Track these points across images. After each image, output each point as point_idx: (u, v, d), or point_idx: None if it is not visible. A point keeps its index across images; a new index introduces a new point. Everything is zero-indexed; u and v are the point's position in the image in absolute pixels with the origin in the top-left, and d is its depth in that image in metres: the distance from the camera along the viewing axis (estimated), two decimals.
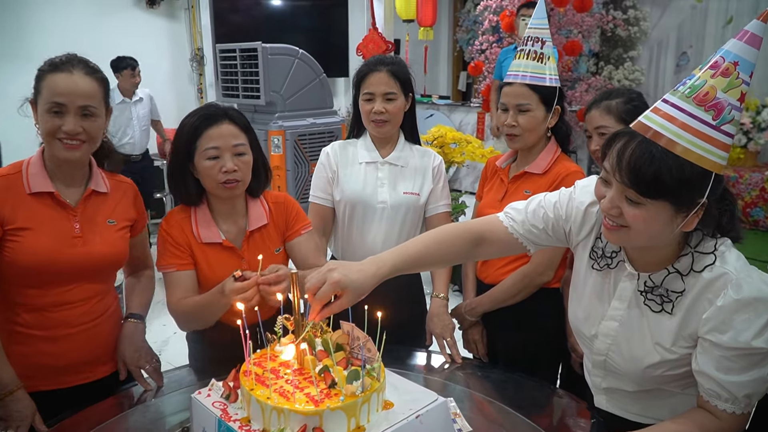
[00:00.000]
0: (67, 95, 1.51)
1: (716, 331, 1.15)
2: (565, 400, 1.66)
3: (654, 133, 1.11)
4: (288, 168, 5.10)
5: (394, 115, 2.03)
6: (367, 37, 4.70)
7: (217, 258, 1.74)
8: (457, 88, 9.08)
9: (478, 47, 6.19)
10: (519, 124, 1.92)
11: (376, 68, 2.02)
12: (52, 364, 1.61)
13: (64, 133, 1.52)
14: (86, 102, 1.54)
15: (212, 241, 1.74)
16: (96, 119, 1.57)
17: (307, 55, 5.06)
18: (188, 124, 1.69)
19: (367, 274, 1.28)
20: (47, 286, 1.57)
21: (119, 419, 1.57)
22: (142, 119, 5.55)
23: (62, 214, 1.59)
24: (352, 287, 1.25)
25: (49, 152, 1.58)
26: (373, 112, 2.02)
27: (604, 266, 1.33)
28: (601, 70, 6.11)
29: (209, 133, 1.67)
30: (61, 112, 1.52)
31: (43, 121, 1.53)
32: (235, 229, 1.79)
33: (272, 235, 1.82)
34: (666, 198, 1.10)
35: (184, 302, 1.70)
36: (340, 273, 1.24)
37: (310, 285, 1.24)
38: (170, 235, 1.73)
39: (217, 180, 1.67)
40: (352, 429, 1.12)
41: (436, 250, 1.41)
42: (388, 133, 2.09)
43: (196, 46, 7.01)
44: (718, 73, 1.10)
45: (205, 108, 1.73)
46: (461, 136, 4.25)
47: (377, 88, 2.00)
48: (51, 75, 1.53)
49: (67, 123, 1.52)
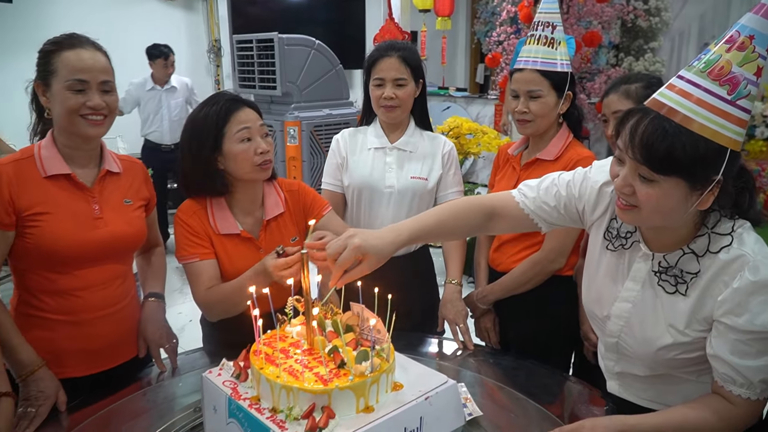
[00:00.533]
0: (89, 71, 1.52)
1: (732, 314, 1.14)
2: (577, 388, 1.64)
3: (669, 109, 1.09)
4: (304, 159, 5.11)
5: (403, 101, 2.03)
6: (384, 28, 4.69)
7: (236, 249, 1.74)
8: (474, 81, 9.03)
9: (496, 38, 6.14)
10: (530, 111, 1.90)
11: (386, 53, 2.02)
12: (76, 349, 1.61)
13: (89, 109, 1.52)
14: (106, 77, 1.55)
15: (230, 233, 1.73)
16: (113, 94, 1.58)
17: (323, 45, 5.07)
18: (211, 112, 1.66)
19: (386, 240, 1.29)
20: (70, 269, 1.57)
21: (133, 399, 1.58)
22: (173, 109, 5.35)
23: (80, 196, 1.59)
24: (373, 252, 1.26)
25: (68, 131, 1.56)
26: (383, 98, 2.01)
27: (619, 247, 1.32)
28: (621, 62, 6.04)
29: (237, 116, 1.66)
30: (83, 89, 1.51)
31: (63, 99, 1.51)
32: (251, 219, 1.78)
33: (288, 224, 1.82)
34: (679, 174, 1.09)
35: (215, 290, 1.69)
36: (360, 238, 1.25)
37: (332, 251, 1.24)
38: (189, 225, 1.71)
39: (254, 162, 1.66)
40: (360, 409, 1.13)
41: (452, 221, 1.42)
42: (397, 119, 2.08)
43: (214, 38, 7.05)
44: (734, 47, 1.08)
45: (222, 95, 1.72)
46: (477, 127, 4.23)
47: (387, 74, 2.00)
48: (66, 52, 1.52)
49: (92, 98, 1.52)
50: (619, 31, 5.89)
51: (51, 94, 1.54)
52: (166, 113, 5.34)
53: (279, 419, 1.10)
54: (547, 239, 1.89)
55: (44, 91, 1.55)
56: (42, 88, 1.55)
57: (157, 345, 1.72)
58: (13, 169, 1.53)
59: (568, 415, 1.51)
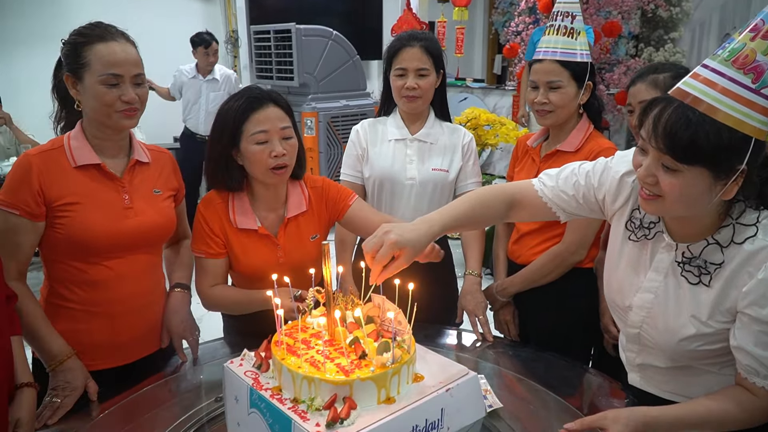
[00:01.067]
0: (122, 65, 1.51)
1: (756, 305, 1.13)
2: (597, 380, 1.64)
3: (693, 98, 1.08)
4: (321, 150, 5.12)
5: (425, 91, 2.02)
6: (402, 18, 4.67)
7: (253, 245, 1.74)
8: (492, 72, 8.97)
9: (514, 29, 6.08)
10: (550, 101, 1.89)
11: (409, 43, 2.00)
12: (105, 343, 1.63)
13: (123, 104, 1.52)
14: (138, 70, 1.55)
15: (248, 228, 1.73)
16: (145, 86, 1.59)
17: (340, 36, 5.06)
18: (233, 107, 1.65)
19: (420, 232, 1.30)
20: (101, 260, 1.58)
21: (155, 389, 1.60)
22: (212, 100, 5.22)
23: (110, 186, 1.60)
24: (409, 245, 1.26)
25: (101, 124, 1.56)
26: (405, 88, 2.00)
27: (641, 237, 1.31)
28: (640, 53, 5.96)
29: (256, 116, 1.63)
30: (117, 84, 1.51)
31: (98, 94, 1.51)
32: (273, 215, 1.77)
33: (310, 221, 1.81)
34: (703, 164, 1.08)
35: (217, 292, 1.76)
36: (396, 234, 1.25)
37: (369, 248, 1.25)
38: (206, 221, 1.73)
39: (267, 165, 1.64)
40: (382, 400, 1.13)
41: (479, 211, 1.43)
42: (418, 109, 2.07)
43: (231, 28, 7.06)
44: (758, 36, 1.06)
45: (249, 91, 1.70)
46: (495, 118, 4.21)
47: (410, 64, 1.98)
48: (98, 45, 1.50)
49: (126, 93, 1.52)
50: (638, 22, 5.81)
51: (83, 87, 1.53)
52: (204, 104, 5.28)
53: (301, 410, 1.11)
54: (568, 231, 1.88)
55: (75, 83, 1.54)
56: (72, 80, 1.54)
57: (180, 337, 1.73)
58: (43, 160, 1.53)
59: (588, 407, 1.51)
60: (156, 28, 5.53)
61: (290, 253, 1.76)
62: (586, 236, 1.87)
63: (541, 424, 1.41)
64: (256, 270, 1.74)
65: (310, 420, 1.08)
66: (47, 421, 1.42)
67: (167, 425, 1.41)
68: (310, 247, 1.78)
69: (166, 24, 5.93)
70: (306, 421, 1.08)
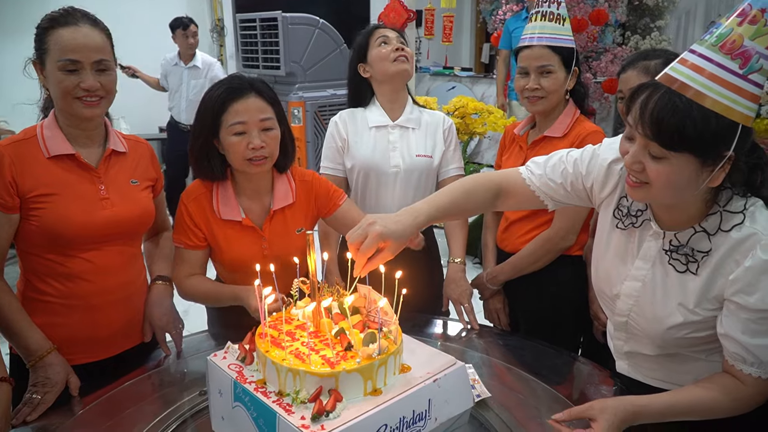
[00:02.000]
0: (81, 50, 1.46)
1: (743, 293, 1.12)
2: (586, 368, 1.63)
3: (681, 84, 1.07)
4: (308, 140, 5.08)
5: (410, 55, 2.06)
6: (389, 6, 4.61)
7: (237, 236, 1.71)
8: (479, 60, 8.94)
9: (501, 17, 6.05)
10: (542, 87, 1.87)
11: (379, 25, 2.07)
12: (85, 336, 1.59)
13: (83, 91, 1.47)
14: (100, 56, 1.49)
15: (232, 219, 1.70)
16: (110, 73, 1.53)
17: (327, 24, 5.01)
18: (212, 97, 1.62)
19: (405, 224, 1.28)
20: (77, 252, 1.54)
21: (138, 383, 1.57)
22: (193, 88, 5.10)
23: (86, 177, 1.56)
24: (393, 238, 1.24)
25: (66, 112, 1.52)
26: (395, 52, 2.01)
27: (629, 225, 1.30)
28: (627, 41, 5.95)
29: (235, 107, 1.59)
30: (76, 70, 1.46)
31: (56, 81, 1.47)
32: (258, 207, 1.74)
33: (297, 214, 1.77)
34: (690, 150, 1.06)
35: (193, 283, 1.74)
36: (380, 225, 1.23)
37: (353, 240, 1.23)
38: (188, 211, 1.71)
39: (244, 156, 1.61)
40: (368, 392, 1.11)
41: (464, 200, 1.42)
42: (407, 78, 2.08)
43: (217, 17, 6.97)
44: (746, 21, 1.05)
45: (230, 80, 1.66)
46: (483, 107, 4.19)
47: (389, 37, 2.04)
48: (57, 30, 1.46)
49: (85, 80, 1.47)
50: (625, 10, 5.80)
51: (46, 73, 1.50)
52: (185, 92, 5.16)
53: (285, 403, 1.09)
54: (557, 217, 1.87)
55: (41, 69, 1.51)
56: (39, 66, 1.51)
57: (163, 330, 1.70)
58: (15, 151, 1.49)
59: (577, 395, 1.50)
60: (139, 16, 5.45)
61: (275, 245, 1.73)
62: (575, 222, 1.87)
63: (530, 413, 1.39)
64: (239, 261, 1.71)
65: (295, 413, 1.06)
66: (27, 418, 1.39)
67: (150, 420, 1.38)
68: (296, 240, 1.75)
69: (149, 13, 5.83)
70: (291, 414, 1.06)
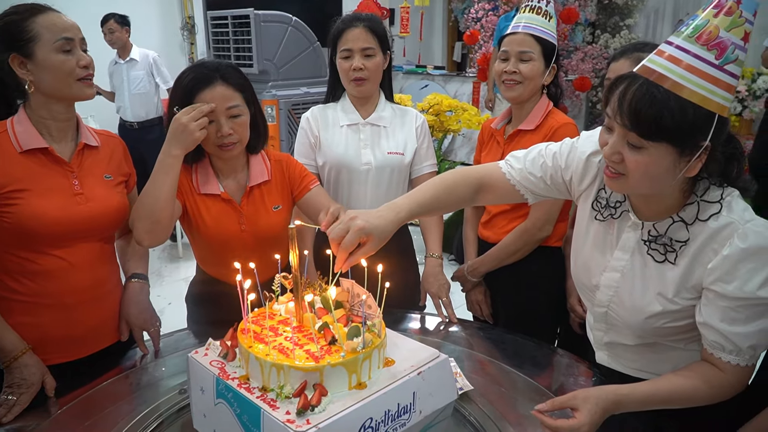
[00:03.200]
0: (71, 29, 1.49)
1: (721, 281, 1.14)
2: (565, 360, 1.65)
3: (658, 75, 1.09)
4: (282, 138, 5.04)
5: (373, 72, 1.98)
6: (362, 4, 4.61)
7: (216, 209, 1.75)
8: (452, 59, 8.98)
9: (474, 15, 6.10)
10: (520, 71, 1.90)
11: (352, 24, 1.97)
12: (60, 335, 1.56)
13: (83, 70, 1.49)
14: (82, 35, 1.52)
15: (211, 192, 1.74)
16: (89, 54, 1.54)
17: (300, 22, 4.97)
18: (181, 86, 1.65)
19: (387, 219, 1.28)
20: (51, 248, 1.51)
21: (116, 383, 1.55)
22: (134, 82, 5.13)
23: (59, 171, 1.53)
24: (376, 233, 1.24)
25: (61, 98, 1.50)
26: (352, 70, 1.97)
27: (608, 216, 1.32)
28: (597, 39, 6.05)
29: (202, 96, 1.62)
30: (70, 49, 1.48)
31: (56, 63, 1.45)
32: (235, 184, 1.78)
33: (273, 192, 1.81)
34: (668, 140, 1.08)
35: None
36: (362, 220, 1.23)
37: (334, 235, 1.22)
38: None
39: (214, 143, 1.66)
40: (353, 386, 1.11)
41: (445, 195, 1.42)
42: (368, 92, 2.04)
43: (187, 14, 6.88)
44: (722, 12, 1.08)
45: (197, 68, 1.67)
46: (457, 104, 4.21)
47: (354, 44, 1.95)
48: (39, 17, 1.46)
49: (82, 57, 1.49)
50: (595, 9, 5.89)
51: (35, 63, 1.45)
52: (126, 87, 5.17)
53: (270, 398, 1.08)
54: (533, 209, 1.89)
55: (24, 63, 1.46)
56: (20, 60, 1.46)
57: (140, 328, 1.67)
58: None
59: (557, 387, 1.52)
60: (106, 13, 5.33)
61: (253, 221, 1.76)
62: (550, 212, 1.89)
63: (512, 405, 1.40)
64: (219, 236, 1.74)
65: (279, 408, 1.05)
66: (2, 419, 1.36)
67: (129, 420, 1.36)
68: (273, 216, 1.79)
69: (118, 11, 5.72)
70: (276, 409, 1.05)
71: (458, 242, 4.55)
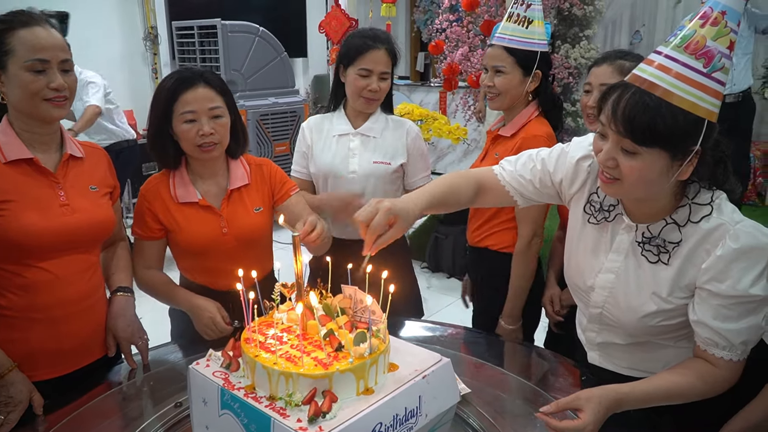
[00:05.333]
0: (49, 50, 1.43)
1: (715, 281, 1.19)
2: (555, 360, 1.68)
3: (650, 84, 1.14)
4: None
5: (383, 93, 2.05)
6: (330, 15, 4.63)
7: (196, 217, 1.76)
8: (415, 69, 9.07)
9: (438, 26, 6.17)
10: (495, 85, 1.95)
11: (375, 45, 1.99)
12: (47, 350, 1.51)
13: (52, 92, 1.43)
14: (65, 55, 1.47)
15: (189, 201, 1.75)
16: (72, 73, 1.50)
17: (267, 32, 4.97)
18: (164, 88, 1.69)
19: (411, 204, 1.32)
20: (37, 261, 1.47)
21: (105, 399, 1.51)
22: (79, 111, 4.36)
23: (44, 182, 1.50)
24: (402, 214, 1.28)
25: (29, 115, 1.47)
26: (368, 90, 2.00)
27: (602, 220, 1.36)
28: (558, 49, 6.19)
29: (185, 97, 1.66)
30: (44, 70, 1.43)
31: (23, 83, 1.41)
32: (215, 188, 1.80)
33: (253, 195, 1.83)
34: (661, 146, 1.13)
35: (151, 277, 1.80)
36: (389, 202, 1.26)
37: (363, 218, 1.24)
38: (146, 201, 1.76)
39: (195, 143, 1.69)
40: (361, 391, 1.11)
41: (452, 194, 1.46)
42: (373, 110, 2.09)
43: (150, 24, 6.77)
44: (708, 23, 1.13)
45: (181, 72, 1.73)
46: (428, 113, 4.26)
47: (376, 67, 1.99)
48: (19, 31, 1.41)
49: (54, 79, 1.43)
50: (554, 20, 6.04)
51: (7, 77, 1.43)
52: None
53: (279, 407, 1.07)
54: (519, 227, 1.94)
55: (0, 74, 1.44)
56: None
57: (128, 342, 1.64)
58: None
59: (549, 387, 1.54)
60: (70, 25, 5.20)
61: (234, 223, 1.78)
62: (536, 221, 1.92)
63: (511, 407, 1.43)
64: (199, 242, 1.76)
65: (290, 416, 1.05)
66: None
67: None
68: (255, 218, 1.82)
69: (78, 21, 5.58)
70: (286, 417, 1.05)
71: (431, 249, 4.59)
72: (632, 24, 6.18)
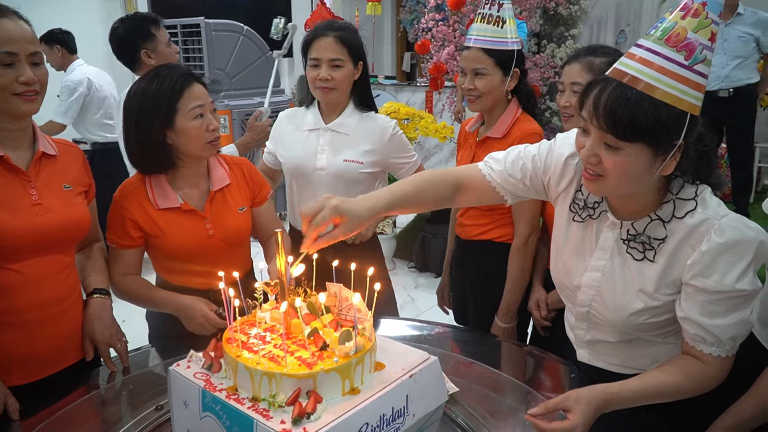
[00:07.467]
0: (17, 42, 1.38)
1: (701, 276, 1.17)
2: (543, 358, 1.66)
3: (631, 78, 1.12)
4: None
5: (339, 83, 1.99)
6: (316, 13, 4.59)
7: (178, 222, 1.71)
8: (401, 69, 9.05)
9: (424, 25, 6.16)
10: (476, 88, 1.93)
11: (323, 33, 1.97)
12: (21, 355, 1.47)
13: (21, 86, 1.38)
14: (35, 48, 1.42)
15: (170, 206, 1.70)
16: (43, 66, 1.45)
17: (251, 31, 4.93)
18: (164, 87, 1.61)
19: (364, 205, 1.28)
20: (8, 262, 1.43)
21: (84, 403, 1.47)
22: None
23: (15, 181, 1.45)
24: (350, 215, 1.23)
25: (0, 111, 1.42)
26: (318, 79, 1.97)
27: (586, 217, 1.33)
28: (543, 49, 6.20)
29: (191, 92, 1.63)
30: (12, 63, 1.38)
31: None
32: (197, 191, 1.76)
33: (235, 195, 1.81)
34: (643, 140, 1.11)
35: (129, 283, 1.74)
36: (338, 199, 1.22)
37: (307, 211, 1.20)
38: (123, 208, 1.69)
39: (205, 139, 1.65)
40: (346, 391, 1.09)
41: (425, 192, 1.41)
42: (334, 100, 2.05)
43: None
44: (689, 14, 1.11)
45: (175, 69, 1.66)
46: (414, 112, 4.24)
47: (323, 54, 1.96)
48: None
49: (23, 72, 1.38)
50: (539, 19, 6.05)
51: None
52: None
53: (261, 408, 1.04)
54: (516, 225, 1.94)
55: None
56: None
57: (106, 345, 1.59)
58: None
59: (538, 385, 1.52)
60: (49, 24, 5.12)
61: (220, 225, 1.75)
62: (533, 218, 1.91)
63: (499, 406, 1.40)
64: (186, 247, 1.71)
65: (273, 418, 1.02)
66: None
67: None
68: (239, 218, 1.80)
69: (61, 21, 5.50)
70: (269, 419, 1.02)
71: (418, 248, 4.57)
72: (617, 23, 6.21)
